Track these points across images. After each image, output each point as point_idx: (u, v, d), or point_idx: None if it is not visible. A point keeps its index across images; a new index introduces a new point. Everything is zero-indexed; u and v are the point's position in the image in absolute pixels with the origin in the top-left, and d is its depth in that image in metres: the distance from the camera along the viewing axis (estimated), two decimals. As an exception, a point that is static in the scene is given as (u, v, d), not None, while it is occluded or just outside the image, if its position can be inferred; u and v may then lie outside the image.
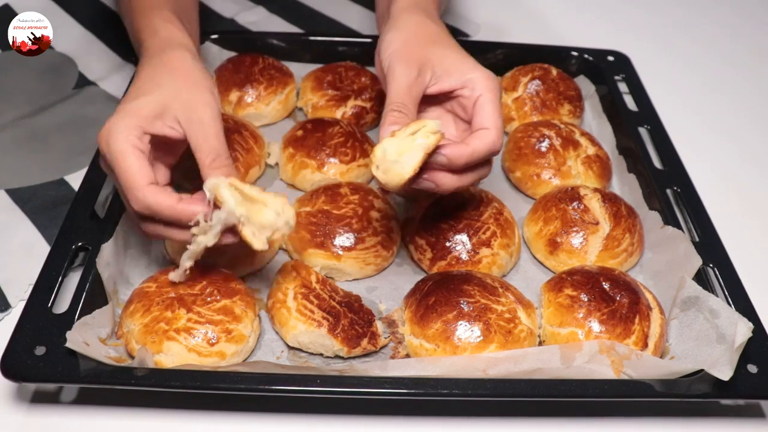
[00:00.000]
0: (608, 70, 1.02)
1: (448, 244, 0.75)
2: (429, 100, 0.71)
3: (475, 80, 0.68)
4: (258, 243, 0.60)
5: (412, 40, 0.70)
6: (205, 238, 0.61)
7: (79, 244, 0.70)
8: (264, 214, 0.60)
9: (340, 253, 0.74)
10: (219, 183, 0.60)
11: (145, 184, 0.60)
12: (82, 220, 0.72)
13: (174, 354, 0.63)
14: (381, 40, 0.72)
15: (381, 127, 0.65)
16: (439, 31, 0.72)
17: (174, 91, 0.63)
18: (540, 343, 0.69)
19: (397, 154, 0.60)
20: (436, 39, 0.71)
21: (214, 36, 1.02)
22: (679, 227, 0.77)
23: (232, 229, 0.61)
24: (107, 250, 0.68)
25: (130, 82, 0.73)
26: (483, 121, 0.66)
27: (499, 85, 0.69)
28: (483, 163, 0.67)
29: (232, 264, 0.73)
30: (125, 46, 0.81)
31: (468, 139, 0.65)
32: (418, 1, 0.75)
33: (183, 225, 0.61)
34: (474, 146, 0.64)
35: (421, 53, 0.69)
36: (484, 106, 0.67)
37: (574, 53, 1.05)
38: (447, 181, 0.65)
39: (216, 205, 0.60)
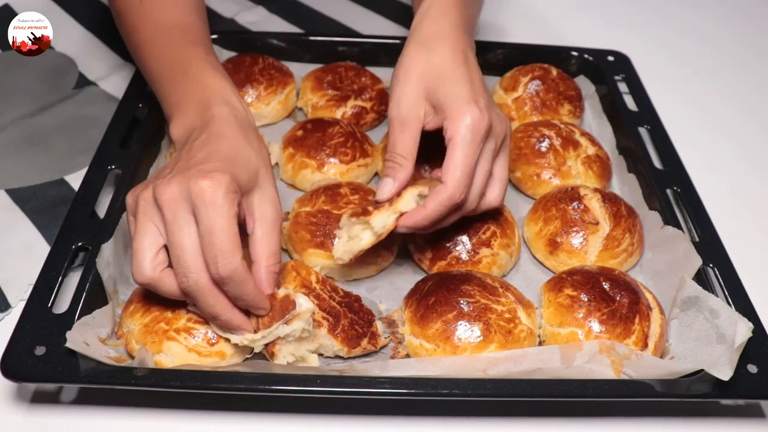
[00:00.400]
0: (608, 70, 1.02)
1: (448, 244, 0.75)
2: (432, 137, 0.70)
3: (452, 120, 0.65)
4: (281, 359, 0.63)
5: (429, 69, 0.67)
6: (253, 342, 0.61)
7: (79, 244, 0.70)
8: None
9: None
10: (311, 309, 0.62)
11: (240, 251, 0.57)
12: (82, 220, 0.72)
13: (174, 354, 0.63)
14: (406, 49, 0.69)
15: (384, 176, 0.67)
16: (452, 57, 0.68)
17: (248, 174, 0.60)
18: (540, 343, 0.69)
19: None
20: (450, 66, 0.67)
21: (214, 36, 1.02)
22: (679, 227, 0.77)
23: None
24: (107, 250, 0.68)
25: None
26: (443, 173, 0.64)
27: (482, 127, 0.65)
28: (462, 205, 0.67)
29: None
30: (125, 46, 0.81)
31: (426, 200, 0.65)
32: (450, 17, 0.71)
33: (248, 309, 0.60)
34: (430, 208, 0.64)
35: (432, 89, 0.66)
36: (450, 153, 0.64)
37: (574, 53, 1.05)
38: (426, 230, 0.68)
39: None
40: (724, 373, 0.60)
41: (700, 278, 0.71)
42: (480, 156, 0.66)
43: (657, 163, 0.87)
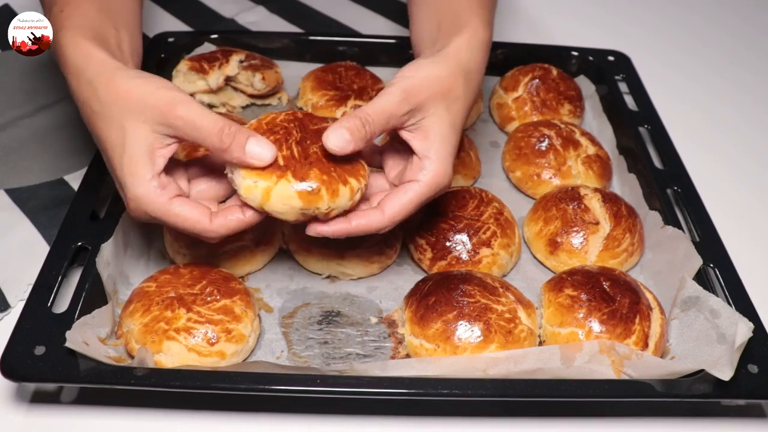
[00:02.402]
0: (608, 70, 1.02)
1: (448, 244, 0.75)
2: (401, 145, 0.66)
3: (431, 165, 0.62)
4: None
5: (432, 82, 0.63)
6: None
7: (79, 244, 0.70)
8: None
9: (344, 251, 0.74)
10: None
11: (209, 222, 0.59)
12: (81, 220, 0.72)
13: (174, 354, 0.63)
14: (422, 59, 0.66)
15: (337, 124, 0.59)
16: (462, 95, 0.64)
17: (136, 117, 0.58)
18: (540, 343, 0.69)
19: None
20: (452, 100, 0.64)
21: (214, 36, 1.02)
22: (679, 227, 0.77)
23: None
24: (107, 250, 0.68)
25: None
26: (386, 203, 0.62)
27: (443, 190, 0.63)
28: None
29: (232, 264, 0.73)
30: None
31: (354, 216, 0.62)
32: (477, 42, 0.67)
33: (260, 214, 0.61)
34: (356, 225, 0.62)
35: (426, 100, 0.62)
36: (406, 192, 0.62)
37: (575, 53, 1.05)
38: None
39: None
40: (725, 373, 0.60)
41: (701, 278, 0.71)
42: None
43: (657, 163, 0.87)
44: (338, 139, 0.59)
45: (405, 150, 0.66)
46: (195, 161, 0.67)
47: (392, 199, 0.62)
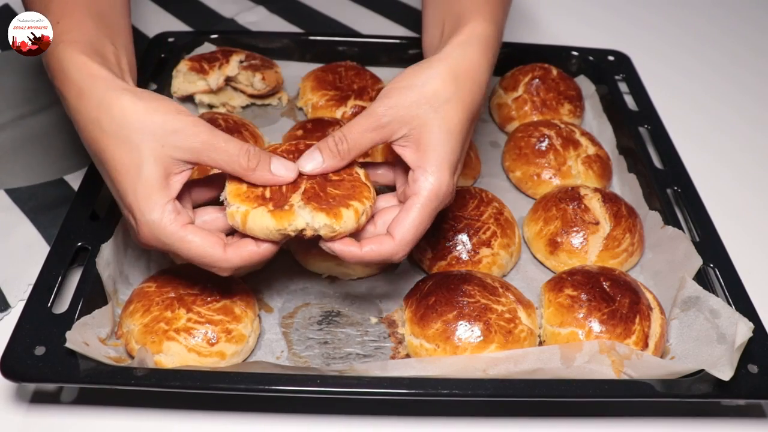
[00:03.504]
0: (608, 70, 1.02)
1: (448, 244, 0.75)
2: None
3: (425, 176, 0.59)
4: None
5: (415, 89, 0.60)
6: None
7: (79, 244, 0.70)
8: None
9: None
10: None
11: (222, 252, 0.57)
12: (82, 220, 0.72)
13: (174, 354, 0.63)
14: (407, 69, 0.63)
15: (313, 147, 0.61)
16: (453, 95, 0.61)
17: (155, 140, 0.56)
18: (540, 343, 0.69)
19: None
20: (441, 103, 0.60)
21: (214, 36, 1.02)
22: (679, 227, 0.77)
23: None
24: (107, 250, 0.68)
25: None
26: (395, 227, 0.59)
27: (446, 198, 0.61)
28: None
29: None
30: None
31: (365, 241, 0.59)
32: (475, 40, 0.64)
33: (276, 246, 0.59)
34: (366, 252, 0.59)
35: (410, 107, 0.60)
36: (409, 210, 0.59)
37: (575, 53, 1.05)
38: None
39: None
40: (725, 373, 0.60)
41: (701, 278, 0.71)
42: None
43: (657, 163, 0.87)
44: (311, 161, 0.60)
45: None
46: (198, 188, 0.64)
47: (398, 223, 0.60)
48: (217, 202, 0.62)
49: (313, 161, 0.61)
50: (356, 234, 0.61)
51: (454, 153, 0.61)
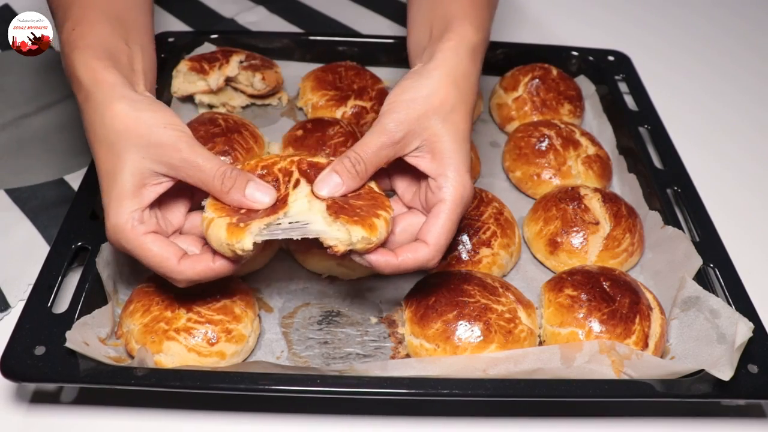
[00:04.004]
0: (608, 70, 1.02)
1: (448, 244, 0.75)
2: (409, 167, 0.64)
3: (447, 182, 0.61)
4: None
5: (422, 101, 0.61)
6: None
7: (79, 244, 0.70)
8: None
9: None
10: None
11: (176, 263, 0.58)
12: (81, 220, 0.72)
13: (174, 354, 0.63)
14: (400, 82, 0.64)
15: (328, 168, 0.61)
16: (458, 101, 0.62)
17: (137, 151, 0.58)
18: (540, 343, 0.69)
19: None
20: (448, 111, 0.62)
21: (214, 36, 1.02)
22: (679, 227, 0.77)
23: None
24: (107, 250, 0.68)
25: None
26: (427, 233, 0.60)
27: (469, 201, 0.62)
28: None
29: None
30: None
31: (400, 249, 0.60)
32: (465, 46, 0.65)
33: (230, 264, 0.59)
34: (404, 260, 0.59)
35: (420, 120, 0.61)
36: (438, 216, 0.60)
37: (574, 53, 1.05)
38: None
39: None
40: (725, 373, 0.60)
41: (701, 278, 0.71)
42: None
43: (657, 163, 0.87)
44: (328, 184, 0.60)
45: (412, 172, 0.65)
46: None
47: (430, 229, 0.60)
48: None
49: (331, 184, 0.60)
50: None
51: (467, 157, 0.63)
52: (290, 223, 0.58)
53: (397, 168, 0.66)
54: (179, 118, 0.61)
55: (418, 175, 0.64)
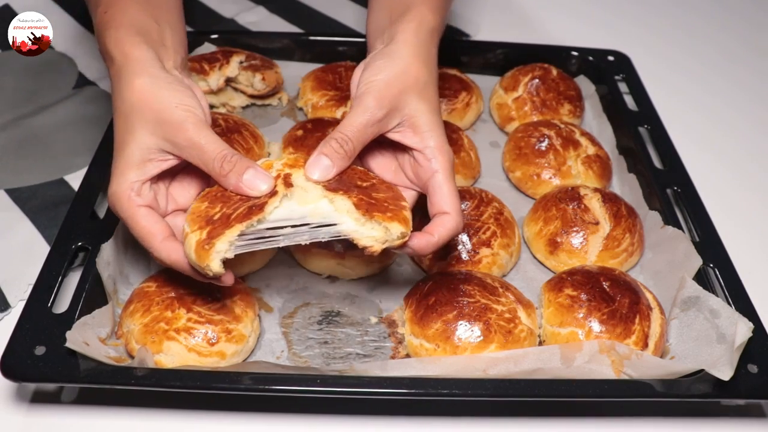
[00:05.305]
0: (608, 70, 1.02)
1: (448, 243, 0.75)
2: (385, 144, 0.67)
3: (435, 153, 0.63)
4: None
5: (398, 79, 0.64)
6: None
7: (79, 244, 0.70)
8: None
9: (343, 251, 0.74)
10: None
11: (159, 242, 0.60)
12: (82, 220, 0.72)
13: (174, 354, 0.63)
14: (369, 63, 0.66)
15: (315, 152, 0.61)
16: (429, 78, 0.66)
17: (147, 126, 0.60)
18: (540, 343, 0.69)
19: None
20: (422, 87, 0.65)
21: (214, 36, 1.02)
22: (679, 227, 0.77)
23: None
24: (107, 250, 0.68)
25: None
26: (443, 204, 0.63)
27: (452, 162, 0.65)
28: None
29: (232, 264, 0.72)
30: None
31: (431, 227, 0.62)
32: (425, 28, 0.68)
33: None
34: (439, 235, 0.62)
35: (399, 97, 0.63)
36: (441, 185, 0.63)
37: (574, 53, 1.05)
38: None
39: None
40: (725, 373, 0.60)
41: (700, 278, 0.71)
42: None
43: (657, 163, 0.87)
44: (318, 167, 0.61)
45: (387, 148, 0.67)
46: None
47: (442, 199, 0.63)
48: None
49: (321, 166, 0.61)
50: None
51: (443, 127, 0.66)
52: (313, 227, 0.57)
53: (367, 149, 0.67)
54: (197, 100, 0.63)
55: (393, 151, 0.67)
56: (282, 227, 0.57)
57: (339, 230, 0.58)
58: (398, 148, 0.66)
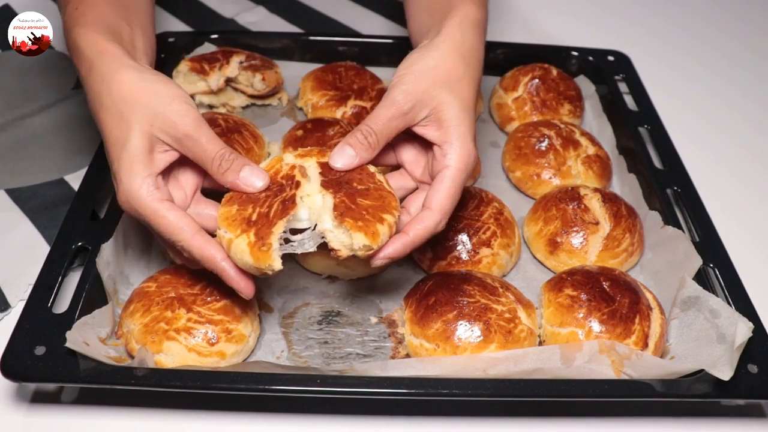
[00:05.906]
0: (608, 70, 1.02)
1: (448, 244, 0.75)
2: (418, 138, 0.66)
3: (452, 149, 0.62)
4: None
5: (429, 72, 0.63)
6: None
7: (79, 244, 0.70)
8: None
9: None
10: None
11: (191, 236, 0.58)
12: (82, 220, 0.72)
13: (174, 354, 0.63)
14: (407, 57, 0.65)
15: (341, 142, 0.62)
16: (464, 73, 0.64)
17: (145, 118, 0.59)
18: (540, 343, 0.69)
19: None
20: (455, 82, 0.64)
21: (214, 36, 1.02)
22: (679, 227, 0.77)
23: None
24: (107, 250, 0.68)
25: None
26: (431, 200, 0.62)
27: (472, 167, 0.63)
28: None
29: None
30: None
31: (408, 225, 0.61)
32: (469, 21, 0.67)
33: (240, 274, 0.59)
34: (415, 233, 0.61)
35: (428, 90, 0.62)
36: (442, 181, 0.62)
37: (574, 53, 1.05)
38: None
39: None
40: (725, 373, 0.60)
41: (701, 278, 0.71)
42: None
43: (657, 163, 0.87)
44: (342, 156, 0.61)
45: (420, 144, 0.66)
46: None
47: (434, 194, 0.62)
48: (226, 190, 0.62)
49: (345, 156, 0.61)
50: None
51: (472, 125, 0.64)
52: (305, 234, 0.58)
53: (403, 141, 0.67)
54: (184, 91, 0.62)
55: (425, 147, 0.66)
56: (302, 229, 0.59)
57: (318, 228, 0.58)
58: (427, 143, 0.65)
